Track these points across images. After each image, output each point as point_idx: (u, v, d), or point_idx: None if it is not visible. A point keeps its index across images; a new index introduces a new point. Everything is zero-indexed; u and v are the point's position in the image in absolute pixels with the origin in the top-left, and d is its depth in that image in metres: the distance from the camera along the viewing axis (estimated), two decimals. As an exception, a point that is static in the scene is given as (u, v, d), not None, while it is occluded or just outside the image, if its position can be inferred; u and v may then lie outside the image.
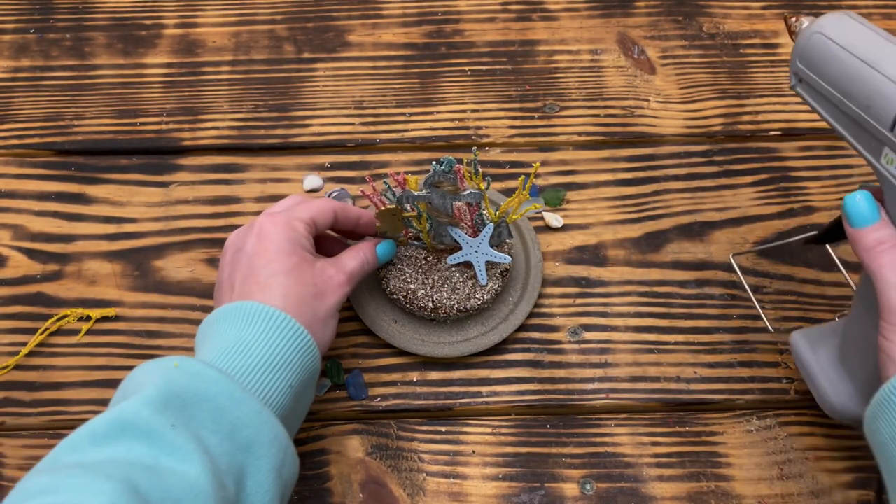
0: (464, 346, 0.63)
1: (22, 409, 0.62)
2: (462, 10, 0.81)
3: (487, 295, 0.63)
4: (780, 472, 0.60)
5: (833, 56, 0.47)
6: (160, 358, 0.49)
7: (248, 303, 0.52)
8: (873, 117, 0.46)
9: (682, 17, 0.81)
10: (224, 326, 0.52)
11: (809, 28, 0.49)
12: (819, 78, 0.49)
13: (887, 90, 0.45)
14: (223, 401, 0.47)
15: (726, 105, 0.76)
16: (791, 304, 0.66)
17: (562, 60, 0.78)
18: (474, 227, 0.62)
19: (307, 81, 0.77)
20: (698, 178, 0.72)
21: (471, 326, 0.64)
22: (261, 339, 0.51)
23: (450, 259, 0.63)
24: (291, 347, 0.51)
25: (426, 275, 0.63)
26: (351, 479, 0.59)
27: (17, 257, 0.68)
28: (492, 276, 0.63)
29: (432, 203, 0.59)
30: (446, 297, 0.62)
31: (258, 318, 0.51)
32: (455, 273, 0.63)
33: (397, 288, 0.62)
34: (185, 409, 0.46)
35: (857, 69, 0.46)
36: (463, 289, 0.62)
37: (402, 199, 0.59)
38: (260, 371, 0.50)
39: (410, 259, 0.63)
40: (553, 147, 0.74)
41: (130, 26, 0.81)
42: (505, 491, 0.59)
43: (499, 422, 0.62)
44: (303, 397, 0.53)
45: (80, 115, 0.75)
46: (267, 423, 0.48)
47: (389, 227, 0.61)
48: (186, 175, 0.72)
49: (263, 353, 0.50)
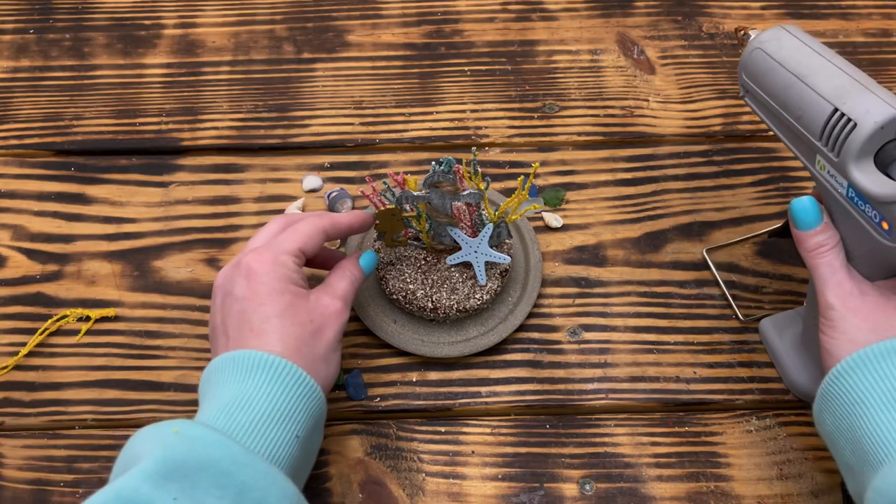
0: (463, 346, 0.63)
1: (22, 410, 0.62)
2: (461, 10, 0.81)
3: (487, 295, 0.62)
4: (780, 472, 0.60)
5: (770, 69, 0.51)
6: (159, 424, 0.47)
7: (245, 352, 0.50)
8: (804, 126, 0.49)
9: (682, 18, 0.81)
10: (223, 378, 0.50)
11: (751, 43, 0.53)
12: (760, 90, 0.52)
13: (815, 102, 0.48)
14: (227, 465, 0.45)
15: (726, 105, 0.76)
16: (790, 303, 0.66)
17: (561, 60, 0.78)
18: (474, 228, 0.62)
19: (307, 81, 0.77)
20: (698, 178, 0.72)
21: (470, 326, 0.64)
22: (261, 391, 0.49)
23: (449, 259, 0.62)
24: (294, 396, 0.50)
25: (426, 275, 0.63)
26: (350, 479, 0.59)
27: (17, 257, 0.68)
28: (491, 276, 0.63)
29: (432, 203, 0.59)
30: (446, 298, 0.62)
31: (256, 368, 0.50)
32: (454, 273, 0.63)
33: (397, 288, 0.62)
34: (188, 479, 0.43)
35: (789, 82, 0.50)
36: (462, 289, 0.62)
37: (402, 199, 0.59)
38: (264, 426, 0.48)
39: (410, 259, 0.63)
40: (552, 147, 0.73)
41: (130, 26, 0.81)
42: (504, 491, 0.59)
43: (498, 422, 0.62)
44: (311, 443, 0.52)
45: (79, 115, 0.75)
46: (275, 483, 0.46)
47: (388, 227, 0.61)
48: (186, 175, 0.72)
49: (265, 407, 0.49)
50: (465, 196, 0.58)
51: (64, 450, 0.61)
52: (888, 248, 0.48)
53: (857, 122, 0.46)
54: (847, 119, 0.47)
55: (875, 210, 0.47)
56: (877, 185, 0.46)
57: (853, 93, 0.47)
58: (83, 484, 0.59)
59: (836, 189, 0.49)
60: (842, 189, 0.49)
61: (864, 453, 0.47)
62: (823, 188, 0.51)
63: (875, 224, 0.48)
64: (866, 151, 0.47)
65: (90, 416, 0.62)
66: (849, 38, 0.79)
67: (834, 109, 0.47)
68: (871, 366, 0.49)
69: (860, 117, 0.46)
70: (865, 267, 0.51)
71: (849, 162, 0.47)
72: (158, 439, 0.45)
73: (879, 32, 0.80)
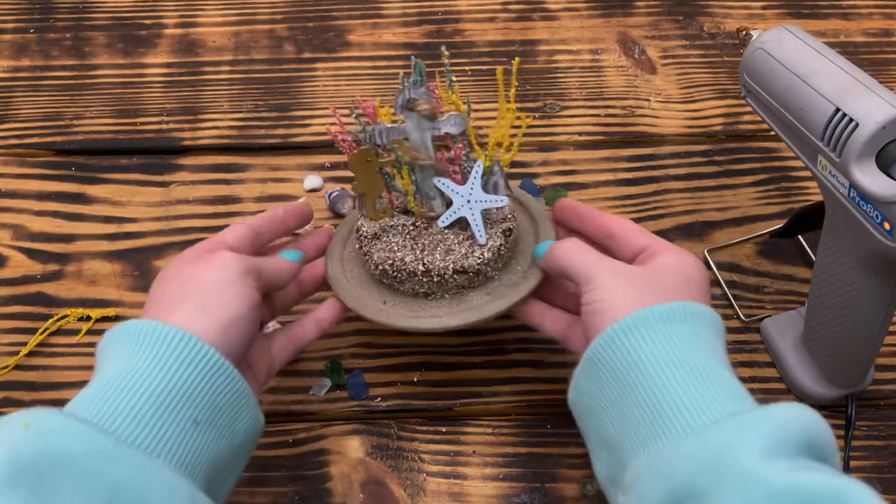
0: (466, 314, 0.54)
1: (22, 410, 0.62)
2: (462, 9, 0.81)
3: (489, 253, 0.54)
4: (781, 472, 0.60)
5: (772, 70, 0.51)
6: (10, 416, 0.40)
7: (132, 322, 0.46)
8: (806, 127, 0.49)
9: (683, 17, 0.81)
10: (112, 352, 0.45)
11: (752, 43, 0.53)
12: (762, 90, 0.52)
13: (816, 102, 0.48)
14: (91, 462, 0.38)
15: (727, 105, 0.76)
16: (791, 304, 0.66)
17: (562, 60, 0.78)
18: (463, 174, 0.55)
19: (307, 81, 0.77)
20: (699, 178, 0.72)
21: (473, 297, 0.55)
22: (145, 365, 0.43)
23: (441, 220, 0.55)
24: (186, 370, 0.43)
25: (415, 241, 0.56)
26: (351, 480, 0.59)
27: (18, 257, 0.68)
28: (492, 235, 0.55)
29: (410, 139, 0.52)
30: (440, 260, 0.54)
31: (142, 339, 0.44)
32: (449, 235, 0.56)
33: (382, 258, 0.55)
34: (42, 481, 0.37)
35: (791, 82, 0.50)
36: (459, 249, 0.55)
37: (375, 135, 0.52)
38: (148, 410, 0.41)
39: (397, 228, 0.57)
40: (553, 147, 0.73)
41: (130, 26, 0.81)
42: (505, 491, 0.59)
43: (499, 422, 0.62)
44: (226, 430, 0.45)
45: (80, 114, 0.75)
46: (158, 479, 0.40)
47: (367, 184, 0.54)
48: (186, 175, 0.72)
49: (149, 385, 0.42)
50: (446, 122, 0.52)
51: (64, 450, 0.61)
52: (889, 248, 0.48)
53: (858, 122, 0.46)
54: (849, 119, 0.47)
55: (876, 210, 0.47)
56: (878, 186, 0.46)
57: (854, 93, 0.47)
58: (84, 484, 0.59)
59: (837, 189, 0.49)
60: (843, 189, 0.49)
61: (632, 424, 0.43)
62: (825, 188, 0.51)
63: (877, 224, 0.48)
64: (868, 151, 0.47)
65: (91, 416, 0.62)
66: (850, 38, 0.79)
67: (835, 109, 0.47)
68: (652, 326, 0.45)
69: (862, 117, 0.46)
70: (866, 267, 0.51)
71: (850, 162, 0.47)
72: (4, 436, 0.38)
73: (880, 32, 0.80)
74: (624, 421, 0.44)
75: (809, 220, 0.64)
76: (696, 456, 0.40)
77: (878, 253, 0.49)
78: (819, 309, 0.56)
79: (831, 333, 0.56)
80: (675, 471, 0.40)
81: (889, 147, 0.47)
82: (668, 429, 0.42)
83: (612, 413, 0.45)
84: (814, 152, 0.50)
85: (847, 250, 0.52)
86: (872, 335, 0.55)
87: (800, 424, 0.40)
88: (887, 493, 0.59)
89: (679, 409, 0.42)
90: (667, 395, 0.42)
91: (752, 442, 0.38)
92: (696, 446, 0.40)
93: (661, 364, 0.44)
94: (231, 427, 0.46)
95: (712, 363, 0.44)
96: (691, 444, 0.40)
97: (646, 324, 0.45)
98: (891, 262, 0.49)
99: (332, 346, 0.64)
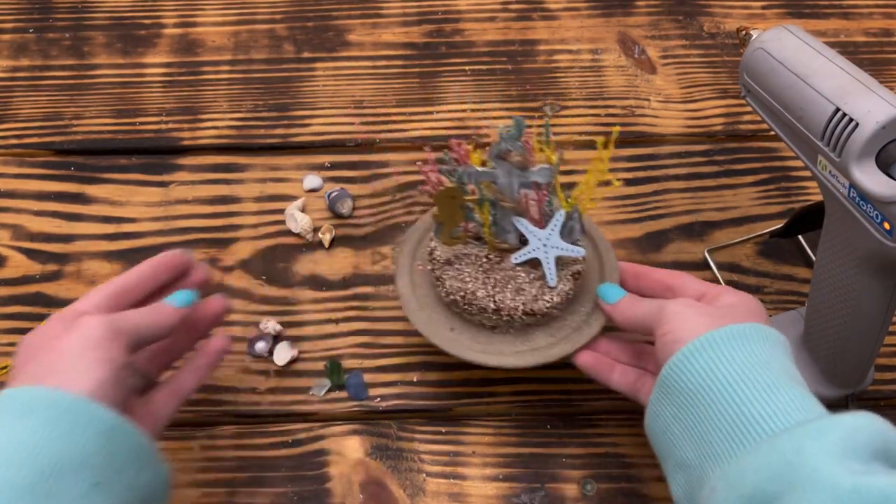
0: (530, 356, 0.56)
1: None
2: (462, 9, 0.81)
3: (557, 297, 0.56)
4: (782, 472, 0.60)
5: (771, 69, 0.51)
6: None
7: (8, 390, 0.44)
8: (806, 127, 0.49)
9: (683, 17, 0.81)
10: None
11: (752, 43, 0.52)
12: (762, 90, 0.52)
13: (816, 102, 0.48)
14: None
15: (727, 105, 0.75)
16: (792, 304, 0.66)
17: (562, 60, 0.78)
18: (542, 219, 0.56)
19: (307, 81, 0.77)
20: (699, 178, 0.72)
21: (538, 335, 0.57)
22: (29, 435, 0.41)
23: (514, 257, 0.56)
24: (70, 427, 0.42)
25: (487, 274, 0.57)
26: (351, 480, 0.59)
27: (17, 257, 0.68)
28: (562, 277, 0.57)
29: (497, 183, 0.53)
30: (510, 298, 0.56)
31: (22, 406, 0.42)
32: (520, 273, 0.57)
33: (454, 288, 0.56)
34: None
35: (791, 82, 0.50)
36: (529, 290, 0.56)
37: (463, 176, 0.53)
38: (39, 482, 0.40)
39: (470, 257, 0.58)
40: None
41: (130, 26, 0.80)
42: (505, 491, 0.59)
43: (499, 422, 0.62)
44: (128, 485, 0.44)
45: (79, 114, 0.75)
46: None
47: (447, 216, 0.54)
48: (186, 175, 0.72)
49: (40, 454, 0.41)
50: (535, 173, 0.53)
51: (63, 450, 0.61)
52: (889, 249, 0.48)
53: (858, 122, 0.46)
54: (849, 119, 0.46)
55: (876, 210, 0.47)
56: (878, 186, 0.46)
57: (855, 93, 0.47)
58: (83, 484, 0.59)
59: (837, 189, 0.49)
60: (843, 189, 0.49)
61: (708, 441, 0.45)
62: (825, 188, 0.51)
63: (877, 224, 0.48)
64: (867, 151, 0.47)
65: (90, 417, 0.62)
66: (850, 38, 0.79)
67: (835, 109, 0.47)
68: (721, 346, 0.47)
69: (862, 117, 0.46)
70: (866, 267, 0.51)
71: (850, 162, 0.47)
72: None
73: (881, 32, 0.80)
74: (700, 439, 0.45)
75: (809, 220, 0.64)
76: (766, 462, 0.41)
77: (877, 253, 0.49)
78: (819, 309, 0.56)
79: (831, 334, 0.56)
80: (747, 479, 0.41)
81: (889, 147, 0.46)
82: (741, 440, 0.43)
83: (689, 432, 0.46)
84: (814, 152, 0.50)
85: (847, 250, 0.52)
86: (872, 335, 0.55)
87: (870, 430, 0.40)
88: (888, 494, 0.59)
89: (751, 420, 0.44)
90: (740, 409, 0.44)
91: (821, 446, 0.39)
92: (766, 453, 0.41)
93: (733, 380, 0.45)
94: (133, 485, 0.45)
95: (783, 378, 0.46)
96: (762, 452, 0.42)
97: (714, 344, 0.47)
98: (891, 262, 0.49)
99: (332, 346, 0.64)
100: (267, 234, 0.69)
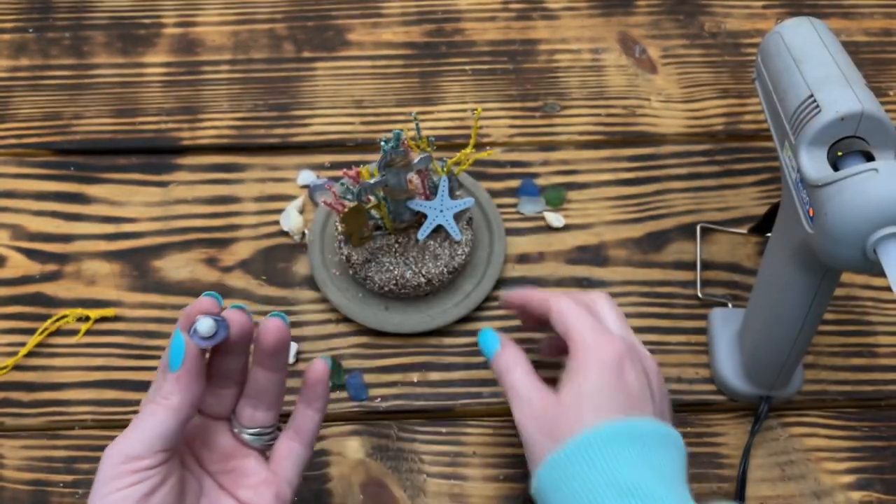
0: (468, 301, 0.64)
1: (21, 410, 0.62)
2: (462, 8, 0.81)
3: (467, 247, 0.64)
4: (782, 473, 0.60)
5: (777, 53, 0.51)
6: None
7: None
8: (784, 109, 0.49)
9: (684, 17, 0.81)
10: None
11: (774, 28, 0.53)
12: (766, 71, 0.53)
13: (798, 86, 0.48)
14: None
15: (728, 104, 0.75)
16: (793, 304, 0.66)
17: (563, 59, 0.78)
18: (427, 192, 0.62)
19: (307, 80, 0.77)
20: (700, 178, 0.72)
21: (465, 283, 0.65)
22: None
23: (420, 233, 0.63)
24: None
25: (404, 256, 0.63)
26: (351, 481, 0.59)
27: (16, 257, 0.68)
28: (462, 230, 0.64)
29: (389, 184, 0.59)
30: (433, 266, 0.63)
31: None
32: (429, 242, 0.64)
33: (385, 280, 0.62)
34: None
35: (786, 65, 0.50)
36: (443, 252, 0.63)
37: (361, 192, 0.59)
38: None
39: (382, 249, 0.64)
40: (554, 146, 0.73)
41: (129, 25, 0.80)
42: (506, 492, 0.59)
43: (500, 422, 0.62)
44: None
45: (78, 114, 0.75)
46: None
47: (355, 227, 0.61)
48: (185, 175, 0.72)
49: None
50: (417, 163, 0.59)
51: (63, 450, 0.61)
52: (809, 236, 0.47)
53: (821, 109, 0.46)
54: (816, 105, 0.46)
55: (808, 196, 0.47)
56: (815, 171, 0.46)
57: (832, 83, 0.47)
58: (82, 484, 0.59)
59: (790, 176, 0.49)
60: (794, 175, 0.48)
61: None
62: (783, 176, 0.50)
63: (804, 212, 0.47)
64: (820, 140, 0.46)
65: (90, 417, 0.62)
66: (850, 38, 0.79)
67: (809, 95, 0.47)
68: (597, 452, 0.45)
69: (827, 105, 0.46)
70: (795, 262, 0.50)
71: (801, 145, 0.46)
72: None
73: (881, 32, 0.80)
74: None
75: None
76: None
77: (803, 243, 0.48)
78: (754, 305, 0.57)
79: (756, 330, 0.57)
80: None
81: (844, 142, 0.46)
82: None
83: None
84: (783, 137, 0.50)
85: (785, 243, 0.51)
86: (791, 336, 0.54)
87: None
88: (889, 494, 0.59)
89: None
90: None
91: None
92: None
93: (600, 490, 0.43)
94: None
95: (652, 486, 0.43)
96: None
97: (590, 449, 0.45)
98: (812, 254, 0.47)
99: (332, 346, 0.64)
100: (267, 234, 0.69)
